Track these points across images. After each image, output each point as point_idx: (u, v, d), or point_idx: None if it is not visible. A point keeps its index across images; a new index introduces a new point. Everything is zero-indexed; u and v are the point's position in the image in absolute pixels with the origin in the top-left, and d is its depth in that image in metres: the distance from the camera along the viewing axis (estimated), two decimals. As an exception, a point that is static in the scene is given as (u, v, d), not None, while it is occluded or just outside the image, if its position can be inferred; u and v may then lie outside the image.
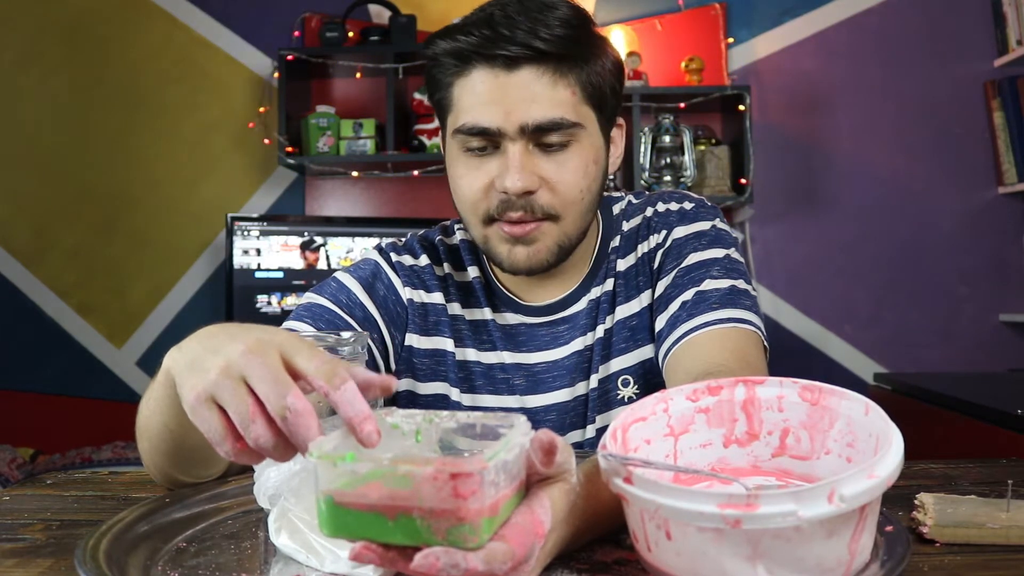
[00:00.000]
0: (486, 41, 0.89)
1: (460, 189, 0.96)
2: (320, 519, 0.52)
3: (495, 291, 1.06)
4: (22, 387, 3.12)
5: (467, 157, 0.94)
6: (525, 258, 0.95)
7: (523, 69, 0.89)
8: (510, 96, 0.90)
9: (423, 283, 1.06)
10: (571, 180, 0.93)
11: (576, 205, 0.94)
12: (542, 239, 0.94)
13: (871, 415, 0.60)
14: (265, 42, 3.08)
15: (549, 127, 0.91)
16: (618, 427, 0.63)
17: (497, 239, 0.95)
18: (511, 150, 0.91)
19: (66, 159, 3.13)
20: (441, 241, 1.10)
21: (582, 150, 0.94)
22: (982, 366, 2.92)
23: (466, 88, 0.92)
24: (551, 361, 1.04)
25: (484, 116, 0.91)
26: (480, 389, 1.04)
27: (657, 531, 0.54)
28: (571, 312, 1.04)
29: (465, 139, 0.93)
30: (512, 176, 0.90)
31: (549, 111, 0.90)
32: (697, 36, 2.98)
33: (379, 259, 1.07)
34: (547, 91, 0.90)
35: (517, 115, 0.90)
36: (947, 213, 2.99)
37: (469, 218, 0.97)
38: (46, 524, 0.77)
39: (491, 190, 0.93)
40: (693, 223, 1.03)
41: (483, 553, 0.49)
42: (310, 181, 3.12)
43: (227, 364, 0.57)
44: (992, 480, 0.86)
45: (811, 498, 0.50)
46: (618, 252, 1.06)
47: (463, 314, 1.06)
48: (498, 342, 1.04)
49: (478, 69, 0.91)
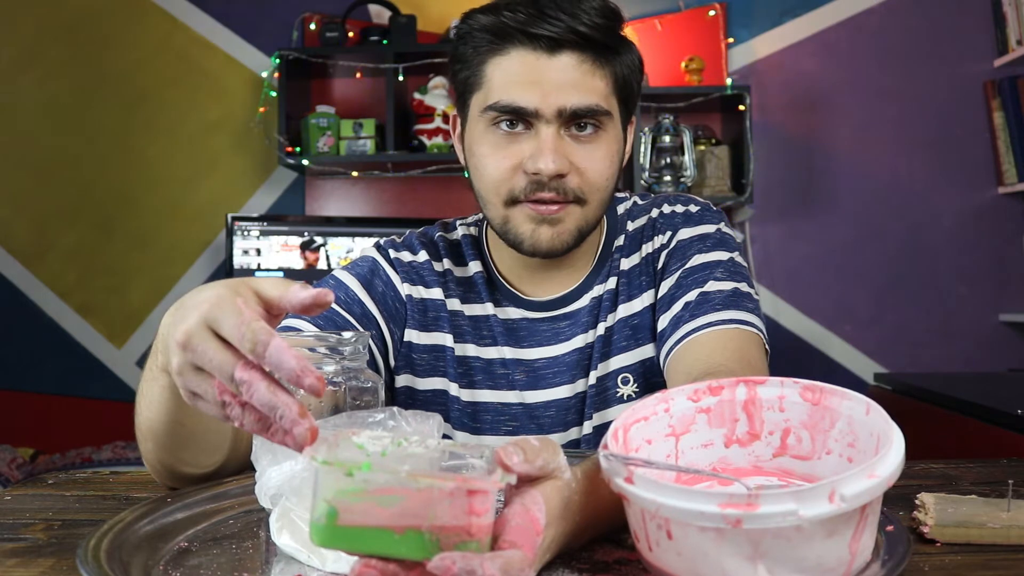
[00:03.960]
0: (530, 20, 0.90)
1: (485, 168, 0.96)
2: (315, 529, 0.50)
3: (497, 285, 1.06)
4: (22, 387, 3.12)
5: (495, 136, 0.95)
6: (549, 238, 0.96)
7: (564, 54, 0.91)
8: (550, 79, 0.91)
9: (422, 279, 1.06)
10: (599, 167, 0.95)
11: (601, 192, 0.97)
12: (567, 220, 0.96)
13: (872, 415, 0.60)
14: (265, 42, 3.08)
15: (585, 113, 0.93)
16: (619, 427, 0.63)
17: (521, 218, 0.96)
18: (545, 132, 0.92)
19: (66, 159, 3.13)
20: (441, 237, 1.10)
21: (608, 140, 0.96)
22: (982, 366, 2.93)
23: (502, 66, 0.93)
24: (551, 357, 1.04)
25: (522, 96, 0.92)
26: (479, 384, 1.04)
27: (658, 531, 0.54)
28: (573, 308, 1.05)
29: (496, 116, 0.94)
30: (547, 158, 0.92)
31: (586, 98, 0.92)
32: (697, 36, 2.98)
33: (377, 256, 1.07)
34: (585, 78, 0.92)
35: (555, 99, 0.91)
36: (947, 213, 2.99)
37: (490, 198, 0.97)
38: (47, 524, 0.77)
39: (518, 171, 0.94)
40: (698, 225, 1.04)
41: (500, 561, 0.48)
42: (310, 181, 3.12)
43: (179, 362, 0.57)
44: (992, 480, 0.86)
45: (812, 498, 0.50)
46: (622, 251, 1.06)
47: (463, 309, 1.06)
48: (499, 337, 1.05)
49: (518, 48, 0.92)
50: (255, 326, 0.54)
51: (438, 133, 2.89)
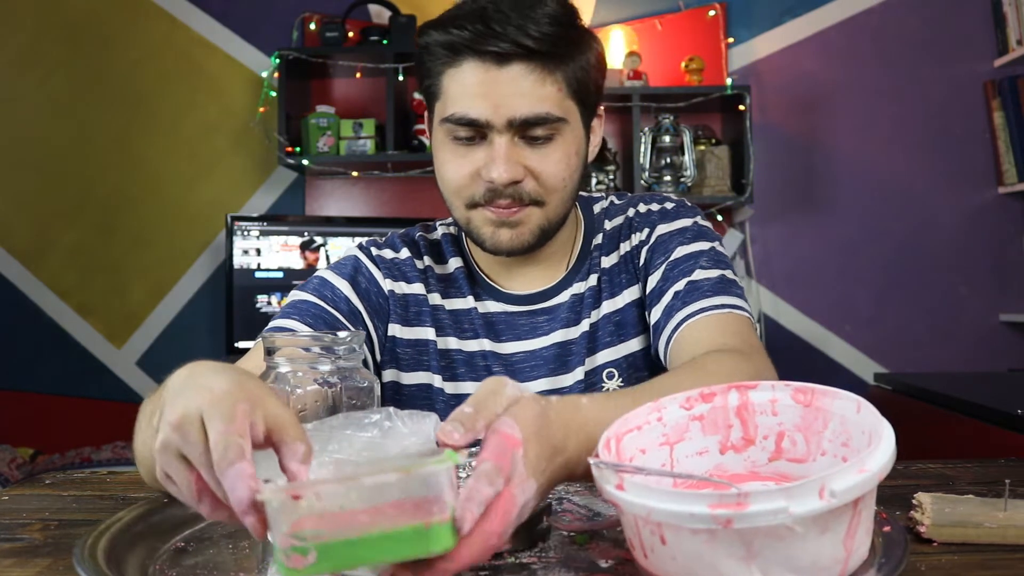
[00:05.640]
0: (478, 36, 0.92)
1: (446, 174, 0.99)
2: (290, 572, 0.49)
3: (478, 280, 1.09)
4: (22, 387, 3.12)
5: (454, 145, 0.97)
6: (508, 239, 0.99)
7: (513, 65, 0.92)
8: (499, 90, 0.93)
9: (403, 275, 1.09)
10: (554, 171, 0.97)
11: (559, 192, 0.98)
12: (526, 222, 0.98)
13: (863, 412, 0.60)
14: (265, 42, 3.08)
15: (535, 121, 0.94)
16: (611, 437, 0.63)
17: (481, 221, 0.99)
18: (498, 142, 0.94)
19: (66, 159, 3.13)
20: (422, 237, 1.13)
21: (565, 143, 0.97)
22: (982, 366, 2.92)
23: (456, 79, 0.95)
24: (528, 351, 1.06)
25: (473, 108, 0.94)
26: (462, 377, 1.06)
27: (651, 537, 0.54)
28: (553, 304, 1.07)
29: (453, 128, 0.96)
30: (499, 167, 0.94)
31: (536, 106, 0.93)
32: (697, 36, 2.98)
33: (360, 254, 1.09)
34: (535, 87, 0.93)
35: (505, 109, 0.93)
36: (947, 213, 2.99)
37: (453, 201, 1.00)
38: (44, 524, 0.77)
39: (477, 178, 0.97)
40: (675, 220, 1.06)
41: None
42: (310, 181, 3.12)
43: (164, 440, 0.56)
44: (989, 480, 0.86)
45: (802, 494, 0.50)
46: (601, 250, 1.09)
47: (444, 304, 1.08)
48: (479, 330, 1.07)
49: (469, 61, 0.94)
50: (230, 440, 0.53)
51: (438, 133, 2.88)
